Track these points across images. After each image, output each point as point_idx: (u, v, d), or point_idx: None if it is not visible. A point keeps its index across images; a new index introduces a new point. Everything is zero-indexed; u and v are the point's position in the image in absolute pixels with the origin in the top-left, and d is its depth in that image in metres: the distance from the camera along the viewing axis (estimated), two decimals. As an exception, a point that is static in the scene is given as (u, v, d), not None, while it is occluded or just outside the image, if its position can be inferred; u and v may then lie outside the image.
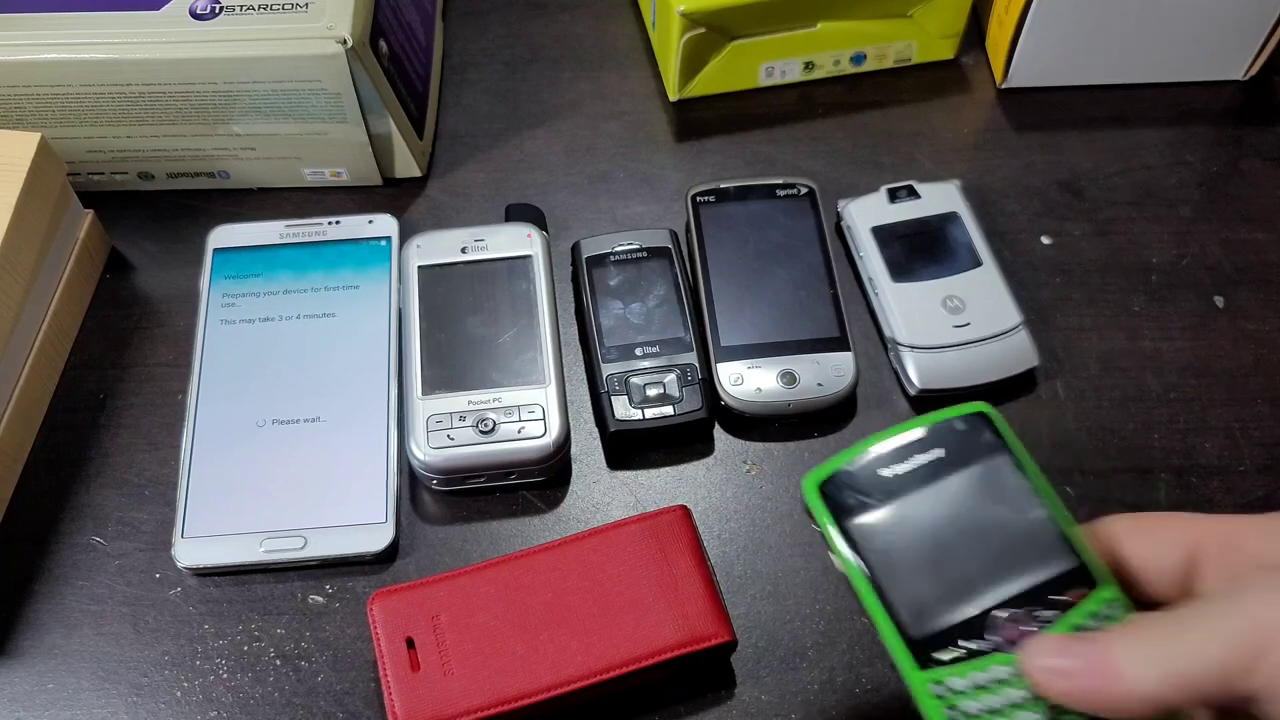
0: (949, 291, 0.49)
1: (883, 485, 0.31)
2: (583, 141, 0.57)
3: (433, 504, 0.46)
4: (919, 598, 0.30)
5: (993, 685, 0.29)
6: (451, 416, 0.45)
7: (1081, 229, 0.54)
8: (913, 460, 0.32)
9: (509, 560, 0.41)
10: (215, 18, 0.48)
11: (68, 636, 0.43)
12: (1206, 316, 0.51)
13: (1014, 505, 0.31)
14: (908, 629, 0.30)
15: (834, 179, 0.55)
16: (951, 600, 0.30)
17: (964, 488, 0.31)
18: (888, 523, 0.31)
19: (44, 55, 0.47)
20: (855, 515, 0.31)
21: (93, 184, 0.54)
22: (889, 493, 0.31)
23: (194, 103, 0.49)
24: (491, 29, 0.62)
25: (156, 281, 0.52)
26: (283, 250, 0.51)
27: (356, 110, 0.50)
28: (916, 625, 0.30)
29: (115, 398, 0.49)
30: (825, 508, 0.31)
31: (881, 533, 0.31)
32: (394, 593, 0.40)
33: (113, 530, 0.45)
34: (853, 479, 0.31)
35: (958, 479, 0.31)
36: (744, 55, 0.56)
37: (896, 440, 0.32)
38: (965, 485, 0.31)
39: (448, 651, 0.39)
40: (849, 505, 0.31)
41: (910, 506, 0.31)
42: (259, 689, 0.42)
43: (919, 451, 0.32)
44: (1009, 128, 0.58)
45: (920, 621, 0.30)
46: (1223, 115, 0.58)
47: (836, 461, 0.32)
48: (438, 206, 0.55)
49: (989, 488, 0.31)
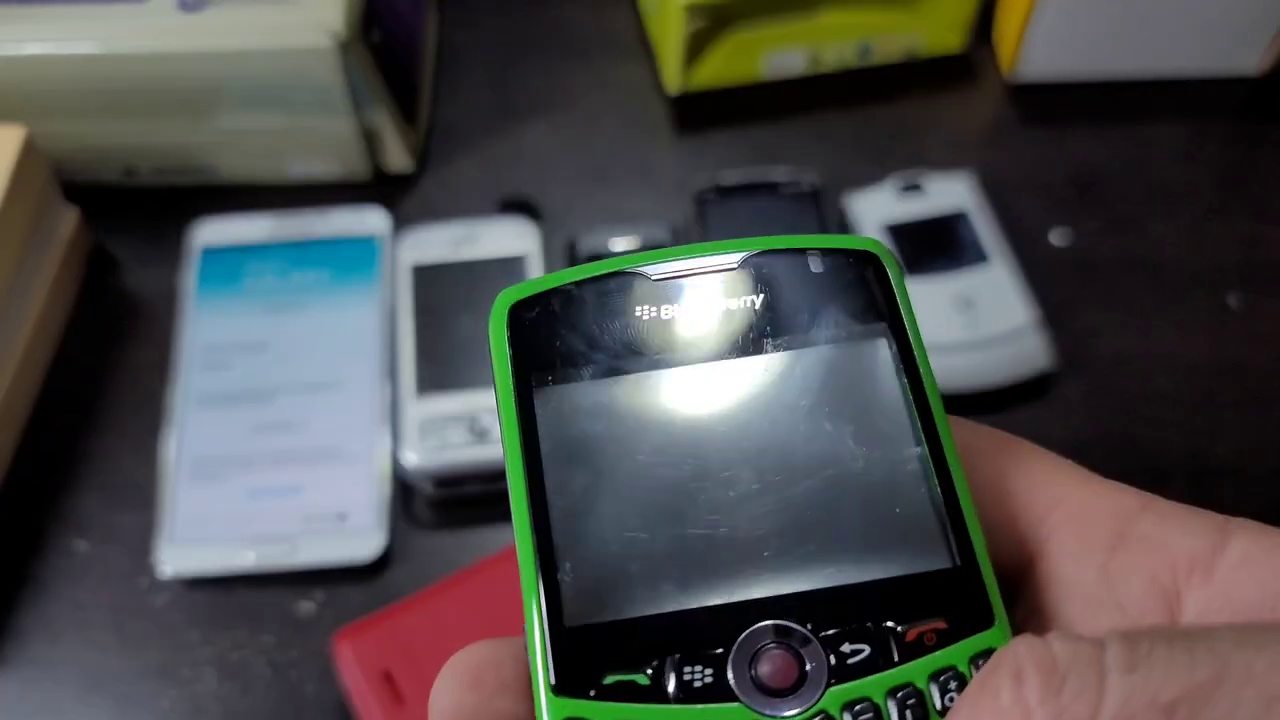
0: (957, 289, 0.48)
1: (633, 332, 0.18)
2: (580, 134, 0.56)
3: (425, 510, 0.45)
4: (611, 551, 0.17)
5: None
6: (444, 419, 0.44)
7: (1093, 226, 0.53)
8: (703, 303, 0.18)
9: (476, 571, 0.40)
10: (203, 9, 0.47)
11: (51, 645, 0.42)
12: (1221, 316, 0.50)
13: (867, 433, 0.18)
14: (564, 609, 0.16)
15: (838, 173, 0.54)
16: (676, 574, 0.17)
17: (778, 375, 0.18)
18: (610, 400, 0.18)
19: (27, 49, 0.47)
20: (559, 372, 0.18)
21: (77, 179, 0.53)
22: (635, 349, 0.18)
23: (180, 96, 0.49)
24: (485, 19, 0.60)
25: (141, 279, 0.51)
26: (270, 247, 0.50)
27: (347, 103, 0.49)
28: (588, 603, 0.16)
29: (99, 399, 0.48)
30: (508, 348, 0.19)
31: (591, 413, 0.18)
32: (361, 629, 0.40)
33: (97, 535, 0.44)
34: (579, 310, 0.18)
35: (772, 359, 0.18)
36: (746, 47, 0.55)
37: (688, 263, 0.19)
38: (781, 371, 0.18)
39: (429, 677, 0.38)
40: (554, 352, 0.18)
41: (667, 382, 0.18)
42: (247, 699, 0.41)
43: (723, 292, 0.18)
44: (1018, 122, 0.57)
45: (595, 598, 0.16)
46: (1237, 111, 0.57)
47: (566, 276, 0.19)
48: (430, 201, 0.54)
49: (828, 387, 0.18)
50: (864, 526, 0.17)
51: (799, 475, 0.17)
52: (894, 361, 0.18)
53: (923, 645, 0.16)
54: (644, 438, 0.18)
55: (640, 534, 0.17)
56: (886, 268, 0.19)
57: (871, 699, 0.16)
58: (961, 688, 0.16)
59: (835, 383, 0.18)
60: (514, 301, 0.19)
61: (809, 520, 0.17)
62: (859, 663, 0.16)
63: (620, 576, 0.17)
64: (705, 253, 0.19)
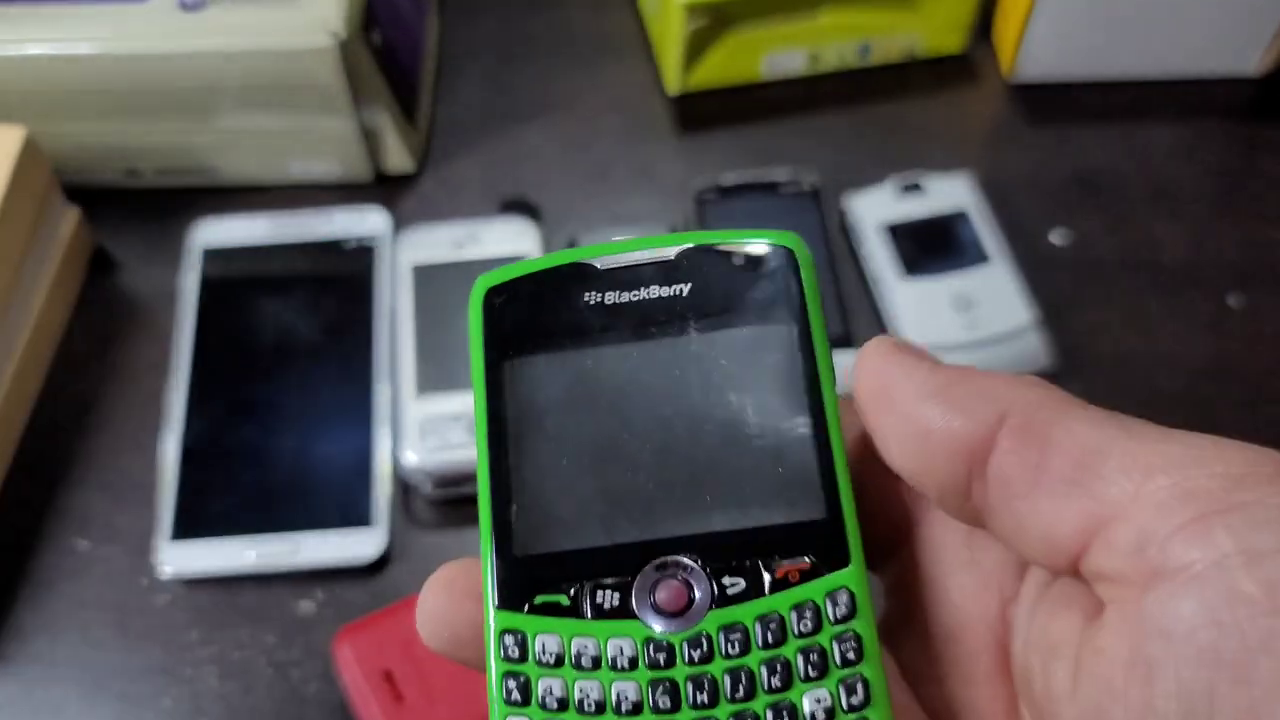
0: (957, 289, 0.48)
1: (578, 316, 0.21)
2: (580, 135, 0.56)
3: (425, 509, 0.45)
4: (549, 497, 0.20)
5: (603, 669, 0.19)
6: (445, 419, 0.44)
7: (1093, 226, 0.53)
8: (640, 290, 0.21)
9: None
10: (204, 9, 0.47)
11: (52, 644, 0.42)
12: (1221, 316, 0.50)
13: (766, 404, 0.21)
14: (513, 539, 0.20)
15: (838, 173, 0.54)
16: (600, 517, 0.20)
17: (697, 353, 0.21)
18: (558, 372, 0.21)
19: (29, 50, 0.47)
20: (518, 347, 0.21)
21: (78, 180, 0.53)
22: (581, 329, 0.21)
23: (181, 96, 0.48)
24: (486, 20, 0.60)
25: (142, 279, 0.51)
26: (271, 247, 0.50)
27: (348, 104, 0.49)
28: (528, 538, 0.20)
29: (100, 398, 0.48)
30: (482, 324, 0.22)
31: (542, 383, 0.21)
32: (361, 628, 0.40)
33: (98, 534, 0.44)
34: (539, 294, 0.22)
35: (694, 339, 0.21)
36: (746, 47, 0.55)
37: (631, 255, 0.22)
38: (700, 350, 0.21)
39: (429, 677, 0.38)
40: (516, 330, 0.21)
41: (606, 358, 0.21)
42: (249, 698, 0.41)
43: (658, 281, 0.21)
44: (1019, 122, 0.56)
45: (536, 534, 0.20)
46: (1237, 112, 0.57)
47: (531, 265, 0.22)
48: (431, 202, 0.54)
49: (738, 364, 0.21)
50: (752, 482, 0.20)
51: (704, 438, 0.21)
52: (796, 344, 0.21)
53: (788, 581, 0.20)
54: (582, 405, 0.21)
55: (574, 483, 0.21)
56: (799, 260, 0.22)
57: (743, 622, 0.19)
58: (817, 617, 0.19)
59: (744, 360, 0.21)
60: (488, 287, 0.22)
61: (708, 476, 0.20)
62: (737, 593, 0.19)
63: (555, 517, 0.20)
64: (649, 245, 0.22)
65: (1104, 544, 0.18)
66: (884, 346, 0.21)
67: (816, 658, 0.19)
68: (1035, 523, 0.19)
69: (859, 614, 0.19)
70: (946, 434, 0.19)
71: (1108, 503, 0.18)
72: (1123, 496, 0.18)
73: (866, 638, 0.19)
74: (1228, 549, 0.16)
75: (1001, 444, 0.19)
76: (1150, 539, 0.17)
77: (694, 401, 0.21)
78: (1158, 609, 0.17)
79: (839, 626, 0.19)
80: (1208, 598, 0.16)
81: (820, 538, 0.20)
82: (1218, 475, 0.17)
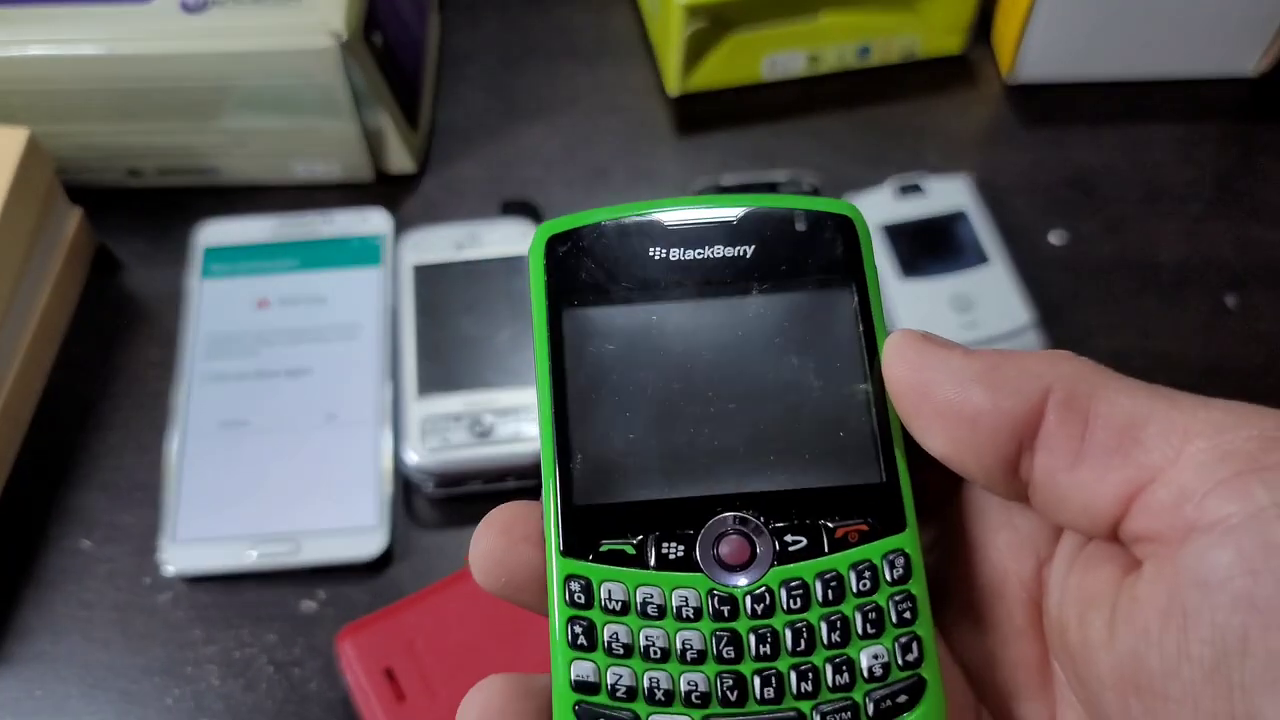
0: (956, 290, 0.48)
1: (643, 270, 0.22)
2: (581, 136, 0.56)
3: (427, 508, 0.45)
4: (613, 448, 0.21)
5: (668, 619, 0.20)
6: (446, 418, 0.44)
7: (1091, 227, 0.53)
8: (704, 249, 0.22)
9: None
10: (206, 10, 0.47)
11: (55, 642, 0.42)
12: (1219, 317, 0.50)
13: (826, 367, 0.21)
14: (577, 488, 0.20)
15: (838, 174, 0.54)
16: (662, 470, 0.21)
17: (760, 313, 0.21)
18: (623, 325, 0.21)
19: (31, 51, 0.47)
20: (584, 298, 0.22)
21: (80, 180, 0.53)
22: (647, 284, 0.21)
23: (183, 97, 0.49)
24: (487, 21, 0.61)
25: (145, 280, 0.51)
26: (273, 247, 0.50)
27: (350, 104, 0.49)
28: (594, 487, 0.20)
29: (103, 399, 0.48)
30: (545, 272, 0.22)
31: (607, 335, 0.21)
32: (363, 626, 0.40)
33: (101, 534, 0.44)
34: (604, 247, 0.22)
35: (757, 300, 0.21)
36: (746, 48, 0.55)
37: (695, 214, 0.22)
38: (763, 311, 0.21)
39: (430, 675, 0.39)
40: (581, 280, 0.22)
41: (671, 313, 0.21)
42: (250, 696, 0.41)
43: (721, 241, 0.22)
44: (1017, 123, 0.57)
45: (601, 484, 0.20)
46: (1234, 112, 0.57)
47: (592, 216, 0.22)
48: (432, 202, 0.54)
49: (800, 327, 0.21)
50: (814, 444, 0.21)
51: (765, 398, 0.21)
52: (855, 310, 0.22)
53: (848, 541, 0.20)
54: (646, 358, 0.21)
55: (637, 435, 0.21)
56: (857, 230, 0.22)
57: (804, 579, 0.20)
58: (874, 578, 0.20)
59: (805, 323, 0.22)
60: (551, 234, 0.22)
61: (771, 435, 0.21)
62: (798, 550, 0.20)
63: (619, 468, 0.21)
64: (713, 205, 0.22)
65: (1143, 506, 0.18)
66: (911, 339, 0.21)
67: (874, 615, 0.20)
68: (1078, 494, 0.19)
69: (914, 576, 0.20)
70: (996, 416, 0.19)
71: (1148, 468, 0.18)
72: (1163, 461, 0.18)
73: (920, 599, 0.20)
74: (1264, 502, 0.17)
75: (1048, 418, 0.19)
76: (1188, 497, 0.18)
77: (755, 361, 0.21)
78: (1195, 559, 0.17)
79: (895, 588, 0.20)
80: (1244, 547, 0.17)
81: (878, 501, 0.20)
82: (1255, 438, 0.18)
